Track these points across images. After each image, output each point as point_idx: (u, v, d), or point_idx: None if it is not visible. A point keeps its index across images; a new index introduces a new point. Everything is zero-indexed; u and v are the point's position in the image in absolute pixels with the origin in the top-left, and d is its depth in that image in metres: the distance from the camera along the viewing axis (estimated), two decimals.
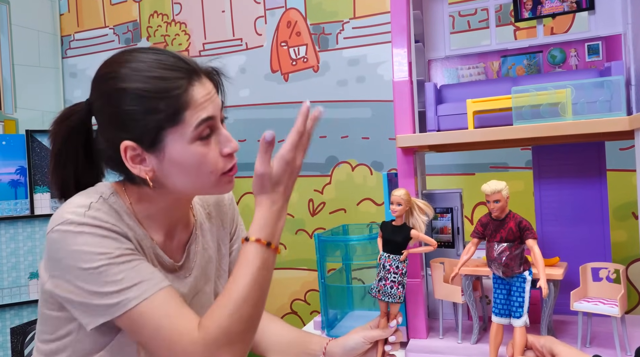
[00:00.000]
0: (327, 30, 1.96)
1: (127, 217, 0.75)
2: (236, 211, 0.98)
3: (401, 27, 1.12)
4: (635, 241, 1.57)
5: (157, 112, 0.69)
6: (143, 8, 2.29)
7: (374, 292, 0.88)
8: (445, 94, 1.19)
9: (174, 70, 0.71)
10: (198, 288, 0.85)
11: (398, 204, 0.86)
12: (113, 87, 0.71)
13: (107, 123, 0.73)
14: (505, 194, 0.88)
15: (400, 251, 0.87)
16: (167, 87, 0.69)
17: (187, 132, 0.70)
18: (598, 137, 1.06)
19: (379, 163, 1.89)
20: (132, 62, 0.72)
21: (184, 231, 0.85)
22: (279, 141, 0.72)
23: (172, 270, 0.81)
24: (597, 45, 1.15)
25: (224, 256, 0.92)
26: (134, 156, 0.72)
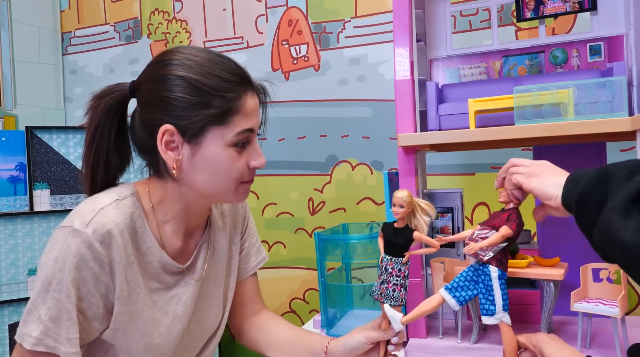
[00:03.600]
0: (328, 29, 1.96)
1: (141, 223, 0.76)
2: (248, 209, 0.98)
3: (403, 26, 1.12)
4: None
5: (209, 107, 0.70)
6: (144, 5, 2.29)
7: (376, 295, 0.88)
8: (446, 93, 1.19)
9: (234, 75, 0.74)
10: (205, 291, 0.85)
11: (400, 206, 0.85)
12: (171, 72, 0.72)
13: (152, 105, 0.74)
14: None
15: (402, 253, 0.86)
16: (225, 88, 0.72)
17: (228, 135, 0.72)
18: (599, 137, 1.06)
19: (379, 162, 1.89)
20: (196, 56, 0.73)
21: (198, 232, 0.86)
22: (279, 140, 0.73)
23: (179, 273, 0.81)
24: (599, 45, 1.15)
25: (233, 255, 0.93)
26: (169, 142, 0.73)
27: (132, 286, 0.75)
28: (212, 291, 0.86)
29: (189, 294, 0.81)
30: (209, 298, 0.86)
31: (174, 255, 0.80)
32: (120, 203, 0.75)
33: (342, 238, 1.24)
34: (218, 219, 0.90)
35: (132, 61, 2.30)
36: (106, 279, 0.72)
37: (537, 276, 0.99)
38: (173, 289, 0.80)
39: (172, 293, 0.80)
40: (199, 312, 0.84)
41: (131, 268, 0.74)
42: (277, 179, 2.06)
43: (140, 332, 0.76)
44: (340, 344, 0.87)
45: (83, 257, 0.69)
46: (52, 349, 0.69)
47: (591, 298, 0.99)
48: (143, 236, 0.76)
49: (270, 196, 2.07)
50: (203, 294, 0.84)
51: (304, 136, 2.00)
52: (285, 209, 2.05)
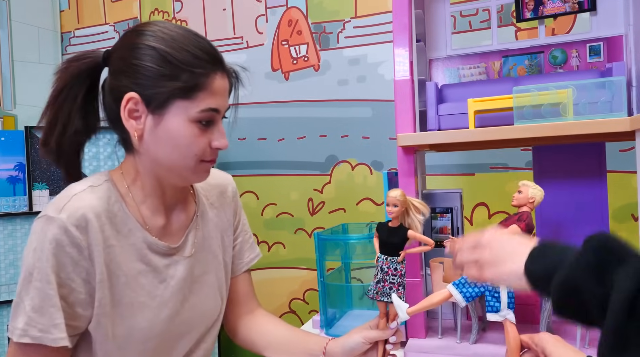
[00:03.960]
0: (328, 29, 1.96)
1: (119, 206, 0.76)
2: (239, 204, 0.98)
3: (403, 26, 1.12)
4: (634, 242, 1.57)
5: (176, 80, 0.71)
6: (144, 5, 2.29)
7: (372, 294, 0.88)
8: (446, 93, 1.19)
9: (206, 53, 0.74)
10: (197, 276, 0.84)
11: (394, 205, 0.85)
12: (143, 42, 0.73)
13: (121, 72, 0.74)
14: (530, 192, 0.94)
15: (398, 252, 0.87)
16: (195, 64, 0.72)
17: (192, 111, 0.73)
18: (598, 138, 1.06)
19: (379, 163, 1.89)
20: (171, 30, 0.74)
21: (183, 214, 0.85)
22: (278, 140, 0.73)
23: (167, 254, 0.81)
24: (598, 46, 1.15)
25: (227, 247, 0.92)
26: (132, 110, 0.73)
27: (112, 269, 0.74)
28: (205, 278, 0.85)
29: (178, 276, 0.81)
30: (201, 284, 0.85)
31: (159, 234, 0.80)
32: (94, 188, 0.76)
33: (341, 238, 1.24)
34: (208, 209, 0.90)
35: None
36: (86, 264, 0.72)
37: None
38: (162, 273, 0.79)
39: (161, 277, 0.79)
40: (193, 297, 0.83)
41: (110, 251, 0.74)
42: (276, 179, 2.06)
43: (122, 315, 0.75)
44: (339, 344, 0.87)
45: (60, 243, 0.70)
46: (37, 340, 0.69)
47: None
48: (123, 219, 0.76)
49: (270, 196, 2.07)
50: (195, 280, 0.84)
51: (303, 136, 2.00)
52: (285, 209, 2.05)
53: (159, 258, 0.79)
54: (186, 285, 0.82)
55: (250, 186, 2.10)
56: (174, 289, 0.80)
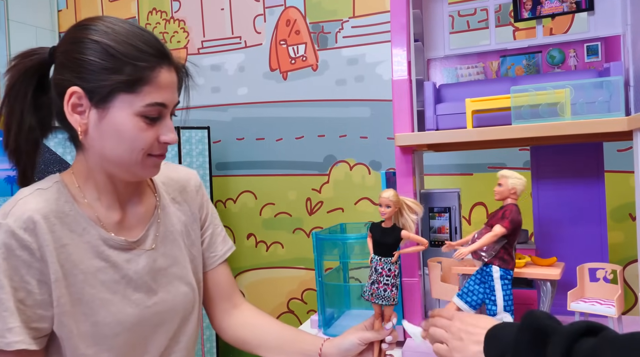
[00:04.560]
0: (326, 29, 1.96)
1: (70, 206, 0.77)
2: (205, 198, 0.97)
3: (401, 26, 1.12)
4: (631, 242, 1.57)
5: (119, 73, 0.71)
6: (142, 5, 2.29)
7: (367, 296, 0.87)
8: (444, 93, 1.19)
9: (150, 47, 0.74)
10: (161, 266, 0.84)
11: (387, 206, 0.85)
12: (86, 36, 0.73)
13: (64, 66, 0.74)
14: (510, 183, 0.91)
15: (392, 253, 0.86)
16: (138, 57, 0.72)
17: (137, 104, 0.72)
18: (596, 137, 1.06)
19: (377, 162, 1.89)
20: (115, 24, 0.74)
21: (141, 208, 0.85)
22: (277, 140, 0.73)
23: (126, 248, 0.81)
24: (596, 46, 1.15)
25: (194, 241, 0.92)
26: (76, 105, 0.73)
27: (69, 268, 0.75)
28: (171, 271, 0.84)
29: (140, 270, 0.81)
30: (168, 278, 0.84)
31: (115, 230, 0.80)
32: (42, 191, 0.76)
33: (339, 238, 1.24)
34: (169, 203, 0.90)
35: None
36: (39, 265, 0.72)
37: (534, 276, 0.99)
38: (122, 268, 0.79)
39: (122, 272, 0.79)
40: (160, 290, 0.83)
41: (64, 250, 0.74)
42: (275, 179, 2.06)
43: (84, 312, 0.75)
44: (334, 345, 0.87)
45: (9, 247, 0.70)
46: None
47: (588, 298, 0.99)
48: (75, 218, 0.76)
49: (268, 196, 2.07)
50: (160, 273, 0.83)
51: (301, 136, 2.00)
52: (283, 209, 2.04)
53: (118, 253, 0.79)
54: (151, 278, 0.82)
55: (248, 186, 2.10)
56: (138, 283, 0.80)
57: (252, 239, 2.10)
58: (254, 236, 2.10)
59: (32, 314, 0.72)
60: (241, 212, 2.12)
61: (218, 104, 2.14)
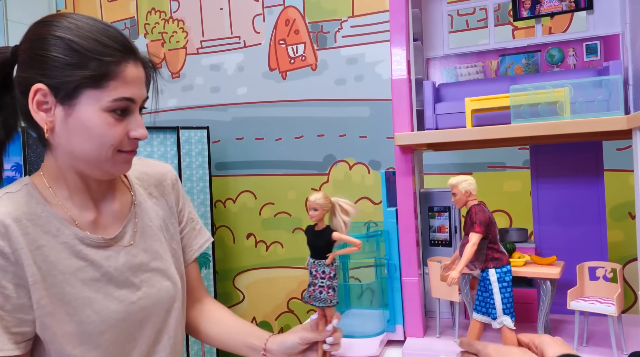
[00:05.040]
0: (325, 28, 1.96)
1: (42, 207, 0.76)
2: (181, 193, 0.97)
3: (400, 26, 1.12)
4: (631, 240, 1.57)
5: (84, 68, 0.70)
6: (140, 5, 2.28)
7: (306, 299, 0.89)
8: (443, 92, 1.19)
9: (115, 42, 0.73)
10: (142, 262, 0.83)
11: (314, 209, 0.85)
12: (49, 32, 0.72)
13: (27, 63, 0.74)
14: (462, 188, 0.90)
15: (325, 255, 0.86)
16: (103, 52, 0.71)
17: (104, 100, 0.72)
18: (596, 136, 1.06)
19: (377, 162, 1.89)
20: (78, 20, 0.73)
21: (115, 205, 0.84)
22: (276, 140, 0.72)
23: (104, 246, 0.80)
24: (595, 45, 1.15)
25: (173, 235, 0.92)
26: (41, 102, 0.72)
27: (47, 269, 0.74)
28: (153, 265, 0.84)
29: (121, 267, 0.80)
30: (150, 272, 0.84)
31: (91, 229, 0.80)
32: (11, 195, 0.75)
33: None
34: (146, 198, 0.90)
35: None
36: (14, 269, 0.71)
37: (534, 275, 0.99)
38: (102, 265, 0.79)
39: (103, 270, 0.79)
40: (143, 285, 0.83)
41: (41, 252, 0.74)
42: (274, 179, 2.06)
43: (67, 312, 0.75)
44: (277, 342, 0.88)
45: None
46: None
47: (588, 296, 0.99)
48: (49, 219, 0.76)
49: (267, 196, 2.07)
50: (141, 268, 0.83)
51: (301, 136, 2.00)
52: (282, 209, 2.04)
53: (96, 251, 0.79)
54: (132, 274, 0.82)
55: (248, 186, 2.10)
56: (119, 280, 0.80)
57: (252, 238, 2.10)
58: (253, 235, 2.10)
59: (12, 319, 0.72)
60: (241, 212, 2.12)
61: (217, 104, 2.14)
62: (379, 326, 1.15)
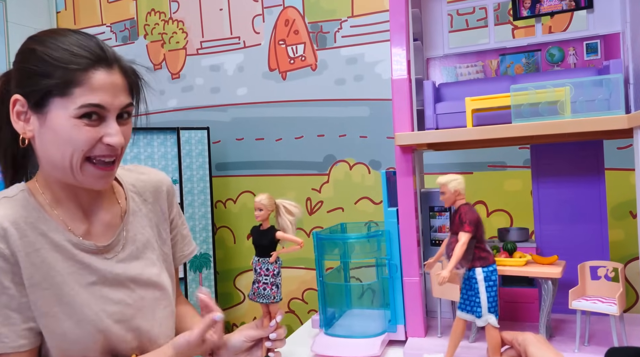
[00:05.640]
0: (325, 28, 1.96)
1: (37, 212, 0.78)
2: (174, 201, 0.99)
3: (400, 25, 1.12)
4: (632, 239, 1.57)
5: (50, 77, 0.72)
6: (140, 6, 2.28)
7: (251, 296, 0.93)
8: (443, 92, 1.19)
9: (86, 50, 0.75)
10: (134, 269, 0.85)
11: (259, 210, 0.91)
12: (28, 46, 0.76)
13: (12, 78, 0.78)
14: (451, 187, 0.91)
15: (269, 253, 0.92)
16: (70, 60, 0.73)
17: (70, 107, 0.73)
18: (596, 135, 1.06)
19: (377, 162, 1.89)
20: (55, 33, 0.77)
21: (107, 215, 0.86)
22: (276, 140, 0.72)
23: (98, 252, 0.82)
24: (595, 43, 1.15)
25: (165, 240, 0.94)
26: (20, 112, 0.76)
27: (45, 271, 0.76)
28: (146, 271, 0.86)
29: (116, 272, 0.82)
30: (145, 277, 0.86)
31: (83, 236, 0.81)
32: (9, 199, 0.78)
33: (340, 237, 1.24)
34: (141, 206, 0.91)
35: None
36: (15, 269, 0.74)
37: (535, 274, 0.99)
38: (98, 270, 0.81)
39: (99, 274, 0.80)
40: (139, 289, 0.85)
41: (38, 255, 0.76)
42: (274, 179, 2.05)
43: (65, 312, 0.77)
44: (224, 341, 0.90)
45: None
46: None
47: (589, 296, 0.99)
48: (45, 224, 0.78)
49: None
50: (136, 274, 0.85)
51: (301, 136, 2.00)
52: None
53: (90, 256, 0.81)
54: (128, 279, 0.84)
55: (248, 186, 2.10)
56: (114, 283, 0.82)
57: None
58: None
59: (20, 316, 0.74)
60: (241, 212, 2.12)
61: (217, 105, 2.14)
62: (380, 326, 1.15)
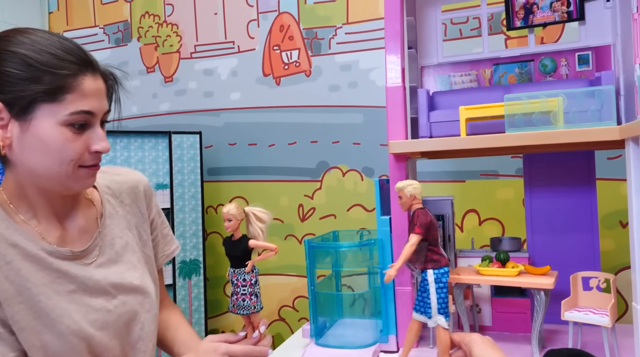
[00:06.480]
0: (320, 35, 1.96)
1: (7, 223, 0.74)
2: (153, 199, 0.96)
3: (395, 33, 1.12)
4: (622, 249, 1.58)
5: (38, 82, 0.69)
6: (134, 8, 2.27)
7: (231, 308, 0.92)
8: (437, 100, 1.19)
9: (71, 54, 0.72)
10: (114, 274, 0.83)
11: (228, 220, 0.89)
12: (4, 47, 0.71)
13: None
14: (407, 192, 0.94)
15: (245, 263, 0.90)
16: (58, 65, 0.70)
17: (61, 114, 0.71)
18: (588, 146, 1.06)
19: (370, 169, 1.89)
20: (33, 35, 0.72)
21: (81, 220, 0.83)
22: (269, 145, 0.71)
23: (74, 258, 0.79)
24: (587, 55, 1.16)
25: (146, 242, 0.91)
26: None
27: (20, 283, 0.73)
28: (127, 275, 0.84)
29: (95, 278, 0.80)
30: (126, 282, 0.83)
31: (58, 243, 0.79)
32: None
33: (332, 246, 1.23)
34: (117, 208, 0.88)
35: (121, 64, 2.26)
36: None
37: (528, 285, 0.98)
38: (77, 277, 0.78)
39: (78, 281, 0.78)
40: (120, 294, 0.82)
41: (11, 267, 0.73)
42: (267, 185, 2.04)
43: (45, 324, 0.74)
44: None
45: None
46: None
47: (581, 307, 0.99)
48: (15, 235, 0.75)
49: (260, 202, 2.05)
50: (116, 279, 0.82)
51: (294, 142, 2.00)
52: (275, 215, 2.02)
53: (67, 263, 0.78)
54: (109, 285, 0.81)
55: (240, 192, 2.09)
56: (94, 289, 0.79)
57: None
58: None
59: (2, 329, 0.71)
60: None
61: (210, 109, 2.13)
62: (371, 336, 1.14)
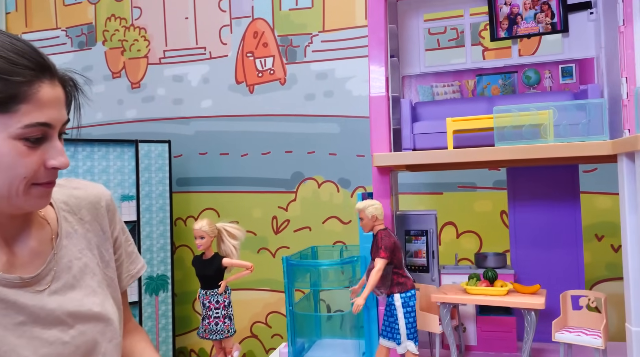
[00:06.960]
0: (295, 42, 1.91)
1: None
2: (116, 216, 0.87)
3: (379, 41, 1.08)
4: (599, 262, 1.59)
5: None
6: (99, 10, 2.16)
7: (201, 334, 0.85)
8: (420, 111, 1.15)
9: (26, 59, 0.63)
10: (71, 300, 0.74)
11: (200, 237, 0.83)
12: None
13: None
14: (369, 213, 0.91)
15: (217, 284, 0.85)
16: (11, 70, 0.62)
17: (13, 126, 0.62)
18: (574, 159, 1.04)
19: (347, 180, 1.84)
20: None
21: (33, 242, 0.74)
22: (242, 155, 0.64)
23: (24, 285, 0.70)
24: (570, 67, 1.15)
25: (108, 262, 0.83)
26: None
27: None
28: (86, 301, 0.75)
29: (49, 307, 0.71)
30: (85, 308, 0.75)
31: (6, 270, 0.69)
32: None
33: (312, 264, 1.16)
34: (76, 226, 0.80)
35: (85, 69, 2.15)
36: None
37: (519, 305, 0.95)
38: (26, 306, 0.69)
39: (27, 311, 0.69)
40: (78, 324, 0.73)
41: None
42: (239, 196, 1.96)
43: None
44: None
45: None
46: None
47: (572, 327, 0.96)
48: None
49: (231, 213, 1.96)
50: (73, 305, 0.74)
51: (268, 152, 1.93)
52: (247, 228, 1.94)
53: (16, 292, 0.69)
54: (63, 313, 0.72)
55: (211, 203, 2.00)
56: (48, 320, 0.70)
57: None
58: None
59: None
60: None
61: (180, 117, 2.03)
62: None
